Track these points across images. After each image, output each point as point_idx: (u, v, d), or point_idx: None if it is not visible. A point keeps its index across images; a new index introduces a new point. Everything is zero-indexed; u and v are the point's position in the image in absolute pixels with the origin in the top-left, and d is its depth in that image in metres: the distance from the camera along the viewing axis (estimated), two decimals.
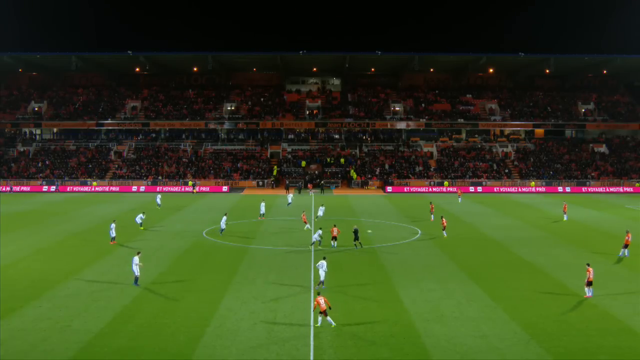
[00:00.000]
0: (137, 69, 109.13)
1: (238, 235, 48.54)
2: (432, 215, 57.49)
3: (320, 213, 56.74)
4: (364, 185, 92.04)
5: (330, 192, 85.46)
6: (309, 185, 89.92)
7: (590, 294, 29.58)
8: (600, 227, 54.64)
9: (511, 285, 32.89)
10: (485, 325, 26.18)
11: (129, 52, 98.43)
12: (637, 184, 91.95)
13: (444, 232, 48.40)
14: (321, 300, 25.87)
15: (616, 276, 35.07)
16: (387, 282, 33.61)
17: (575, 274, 35.11)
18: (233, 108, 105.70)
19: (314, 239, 43.12)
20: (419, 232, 50.42)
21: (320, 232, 43.01)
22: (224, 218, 49.50)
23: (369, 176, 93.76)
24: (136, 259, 32.68)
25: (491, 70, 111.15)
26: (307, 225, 50.59)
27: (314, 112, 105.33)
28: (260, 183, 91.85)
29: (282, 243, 45.10)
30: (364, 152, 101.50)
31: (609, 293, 30.94)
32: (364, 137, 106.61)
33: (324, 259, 33.08)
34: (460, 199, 76.58)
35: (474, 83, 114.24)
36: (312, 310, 27.81)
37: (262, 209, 58.39)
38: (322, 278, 32.05)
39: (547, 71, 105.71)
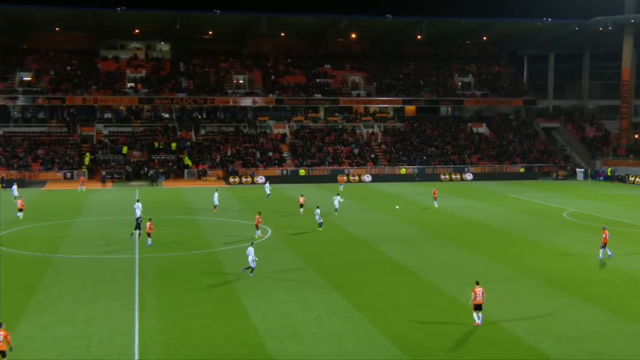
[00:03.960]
0: None
1: (39, 241, 46.59)
2: (302, 209, 59.64)
3: (336, 204, 59.60)
4: (201, 175, 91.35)
5: (160, 185, 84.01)
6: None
7: (479, 322, 28.56)
8: (481, 219, 57.64)
9: (379, 292, 33.83)
10: (349, 341, 26.68)
11: None
12: (521, 170, 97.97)
13: (258, 231, 48.42)
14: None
15: (499, 277, 37.02)
16: (231, 293, 33.50)
17: (452, 275, 36.78)
18: (30, 79, 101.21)
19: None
20: (270, 231, 50.72)
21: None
22: (216, 195, 61.68)
23: (208, 164, 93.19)
24: None
25: (354, 36, 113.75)
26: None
27: (138, 85, 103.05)
28: (68, 175, 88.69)
29: (97, 250, 43.82)
30: (201, 134, 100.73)
31: (491, 297, 32.55)
32: (201, 117, 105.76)
33: (252, 245, 37.29)
34: (341, 186, 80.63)
35: (333, 51, 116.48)
36: (135, 332, 27.20)
37: (215, 200, 61.57)
38: (252, 265, 36.35)
39: (419, 37, 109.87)
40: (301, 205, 60.19)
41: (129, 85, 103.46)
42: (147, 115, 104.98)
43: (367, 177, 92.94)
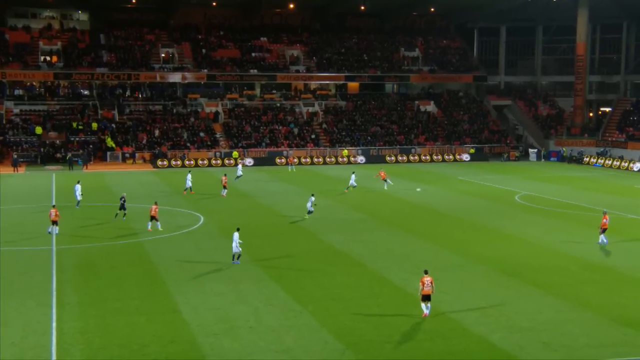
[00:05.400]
0: None
1: None
2: (225, 190, 61.37)
3: (352, 182, 65.05)
4: (126, 158, 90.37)
5: (80, 169, 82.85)
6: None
7: (427, 312, 28.95)
8: (428, 204, 58.35)
9: (320, 283, 34.06)
10: (288, 336, 26.84)
11: None
12: (471, 150, 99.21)
13: (154, 223, 46.27)
14: None
15: (447, 264, 37.59)
16: (159, 286, 33.37)
17: (398, 264, 37.22)
18: None
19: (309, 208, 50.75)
20: (202, 218, 50.58)
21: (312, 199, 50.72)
22: (189, 176, 62.75)
23: (133, 146, 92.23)
24: None
25: (292, 6, 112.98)
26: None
27: (52, 58, 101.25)
28: None
29: (9, 242, 42.92)
30: (126, 113, 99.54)
31: (439, 286, 32.96)
32: (125, 94, 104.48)
33: (238, 230, 37.04)
34: (291, 167, 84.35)
35: (270, 22, 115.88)
36: (52, 331, 26.88)
37: (189, 182, 62.73)
38: (235, 250, 36.72)
39: (363, 8, 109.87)
40: (224, 187, 61.52)
41: (42, 58, 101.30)
42: (64, 92, 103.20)
43: (361, 159, 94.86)
